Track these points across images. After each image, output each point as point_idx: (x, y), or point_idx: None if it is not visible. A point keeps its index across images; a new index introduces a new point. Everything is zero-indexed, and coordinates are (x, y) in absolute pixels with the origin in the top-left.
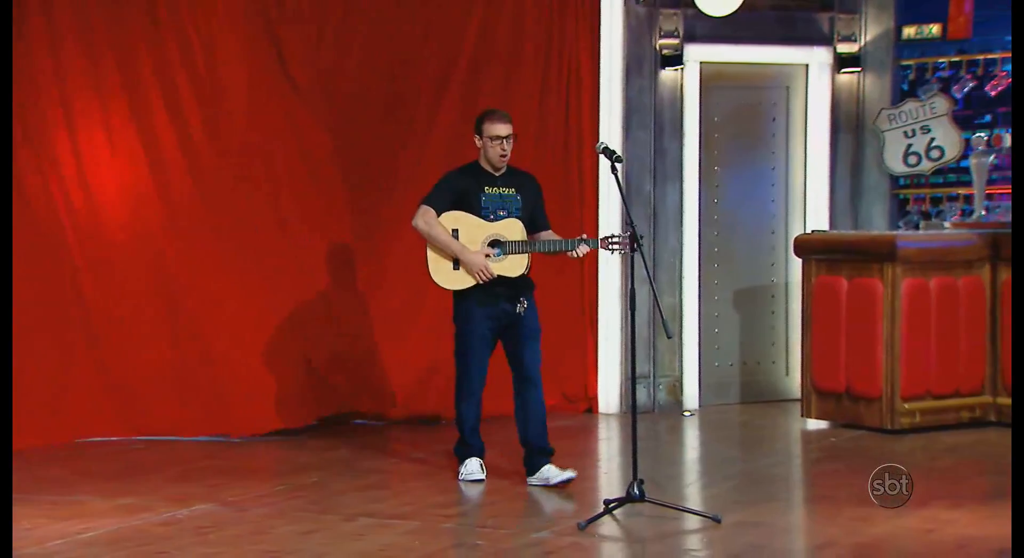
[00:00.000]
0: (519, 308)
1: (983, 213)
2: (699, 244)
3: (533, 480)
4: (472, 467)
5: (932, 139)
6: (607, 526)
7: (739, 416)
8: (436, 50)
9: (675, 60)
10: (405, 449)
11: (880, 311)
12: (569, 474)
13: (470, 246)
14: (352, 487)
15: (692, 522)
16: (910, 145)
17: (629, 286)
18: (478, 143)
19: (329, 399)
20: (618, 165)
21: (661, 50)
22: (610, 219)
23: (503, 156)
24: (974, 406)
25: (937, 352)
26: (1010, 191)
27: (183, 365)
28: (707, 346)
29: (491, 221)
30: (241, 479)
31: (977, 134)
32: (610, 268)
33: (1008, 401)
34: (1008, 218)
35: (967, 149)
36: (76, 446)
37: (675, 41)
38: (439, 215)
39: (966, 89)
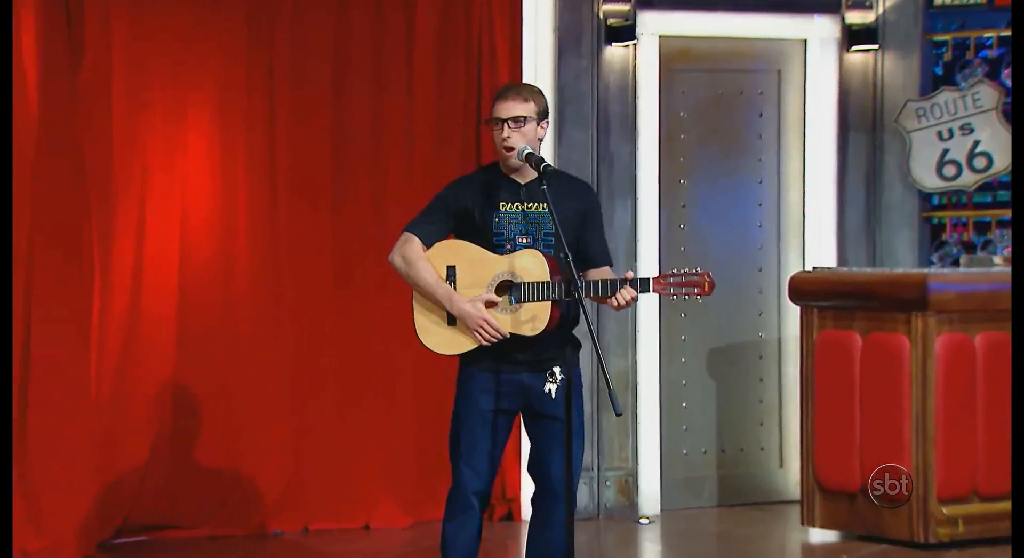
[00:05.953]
0: (548, 384)
1: None
2: None
3: None
4: None
5: (976, 142)
6: None
7: (716, 524)
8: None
9: (625, 33)
10: None
11: (907, 378)
12: None
13: (471, 290)
14: None
15: None
16: (947, 150)
17: None
18: None
19: (145, 506)
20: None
21: (606, 20)
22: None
23: (506, 149)
24: None
25: (986, 436)
26: None
27: None
28: (671, 427)
29: (506, 253)
30: None
31: None
32: None
33: None
34: None
35: None
36: None
37: (625, 7)
38: (429, 246)
39: None
